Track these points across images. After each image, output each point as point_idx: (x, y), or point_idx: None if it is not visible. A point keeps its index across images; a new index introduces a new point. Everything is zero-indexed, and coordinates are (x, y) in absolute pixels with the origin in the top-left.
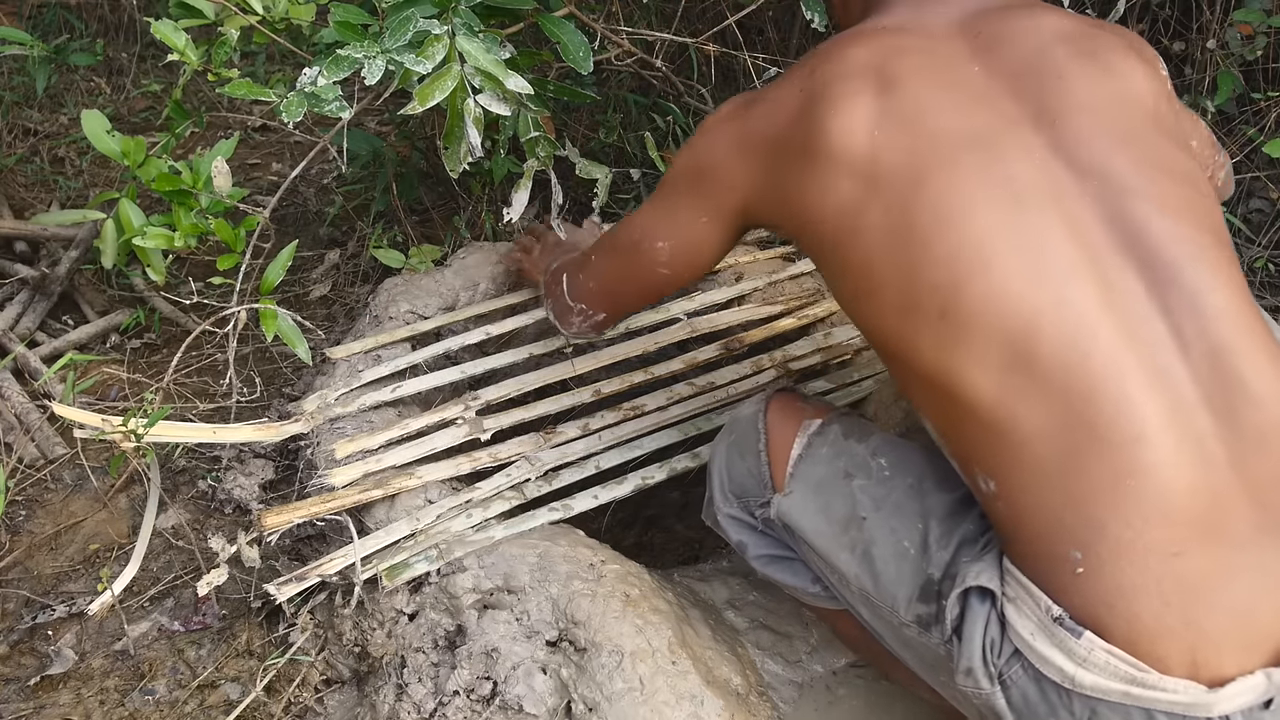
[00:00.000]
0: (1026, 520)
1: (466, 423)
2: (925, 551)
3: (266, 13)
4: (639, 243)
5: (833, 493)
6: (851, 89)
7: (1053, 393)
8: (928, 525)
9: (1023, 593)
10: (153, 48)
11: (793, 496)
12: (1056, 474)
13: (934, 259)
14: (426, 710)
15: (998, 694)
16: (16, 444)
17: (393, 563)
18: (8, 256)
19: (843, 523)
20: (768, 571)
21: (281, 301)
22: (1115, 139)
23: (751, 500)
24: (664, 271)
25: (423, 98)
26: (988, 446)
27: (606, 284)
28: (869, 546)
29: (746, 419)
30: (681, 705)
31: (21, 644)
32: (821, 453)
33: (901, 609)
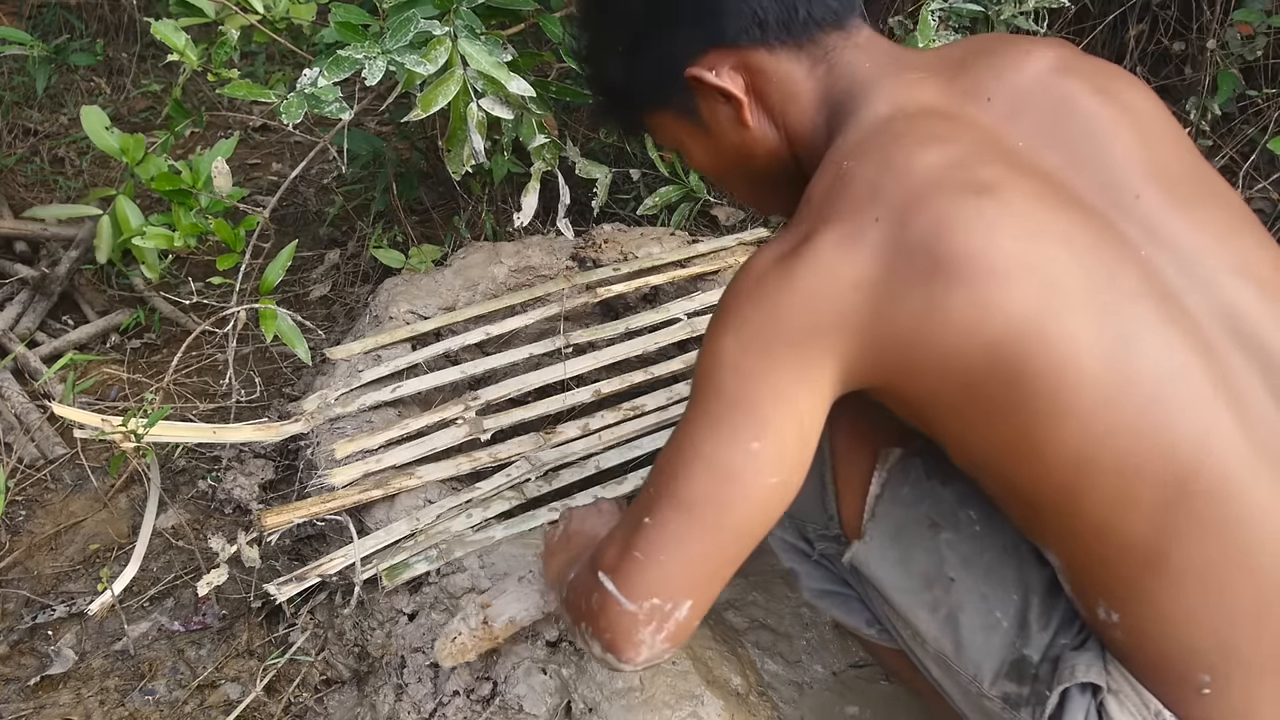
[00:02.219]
0: (1149, 647)
1: (466, 423)
2: (1023, 629)
3: (267, 12)
4: (726, 463)
5: (915, 544)
6: (958, 195)
7: (1209, 526)
8: (1026, 600)
9: (1129, 690)
10: (153, 48)
11: (870, 545)
12: (1198, 606)
13: (1112, 402)
14: (426, 710)
15: None
16: (16, 444)
17: (393, 563)
18: (8, 256)
19: (925, 579)
20: (821, 604)
21: (281, 301)
22: (1176, 197)
23: (811, 528)
24: (773, 482)
25: (426, 104)
26: (1127, 583)
27: (690, 548)
28: (955, 611)
29: None
30: (681, 705)
31: (21, 644)
32: (903, 492)
33: (985, 682)
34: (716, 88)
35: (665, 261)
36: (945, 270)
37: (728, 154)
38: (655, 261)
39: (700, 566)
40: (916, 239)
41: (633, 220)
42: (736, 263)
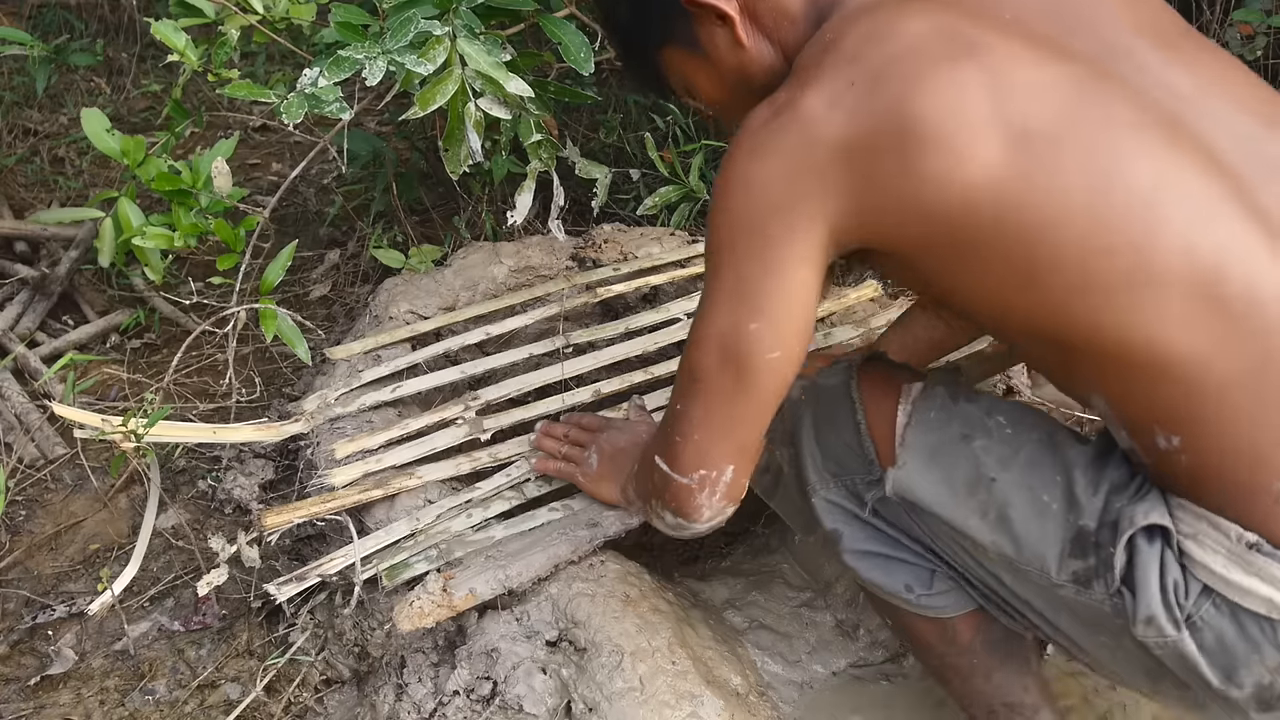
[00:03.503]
0: (1214, 465)
1: (466, 423)
2: (1073, 503)
3: (267, 12)
4: (727, 344)
5: (952, 458)
6: (935, 59)
7: (1245, 331)
8: (1070, 476)
9: (1205, 526)
10: (153, 48)
11: (907, 468)
12: (1256, 411)
13: (1106, 223)
14: (426, 710)
15: (1186, 639)
16: (16, 444)
17: (393, 563)
18: (8, 256)
19: (969, 486)
20: (859, 568)
21: (281, 301)
22: (1168, 47)
23: (857, 479)
24: (774, 356)
25: (424, 102)
26: (1177, 402)
27: (717, 425)
28: (1004, 509)
29: (833, 389)
30: (681, 705)
31: (21, 644)
32: (930, 417)
33: (1053, 569)
34: (710, 7)
35: (665, 261)
36: (914, 131)
37: (730, 79)
38: (655, 261)
39: (729, 439)
40: (886, 102)
41: (633, 220)
42: None
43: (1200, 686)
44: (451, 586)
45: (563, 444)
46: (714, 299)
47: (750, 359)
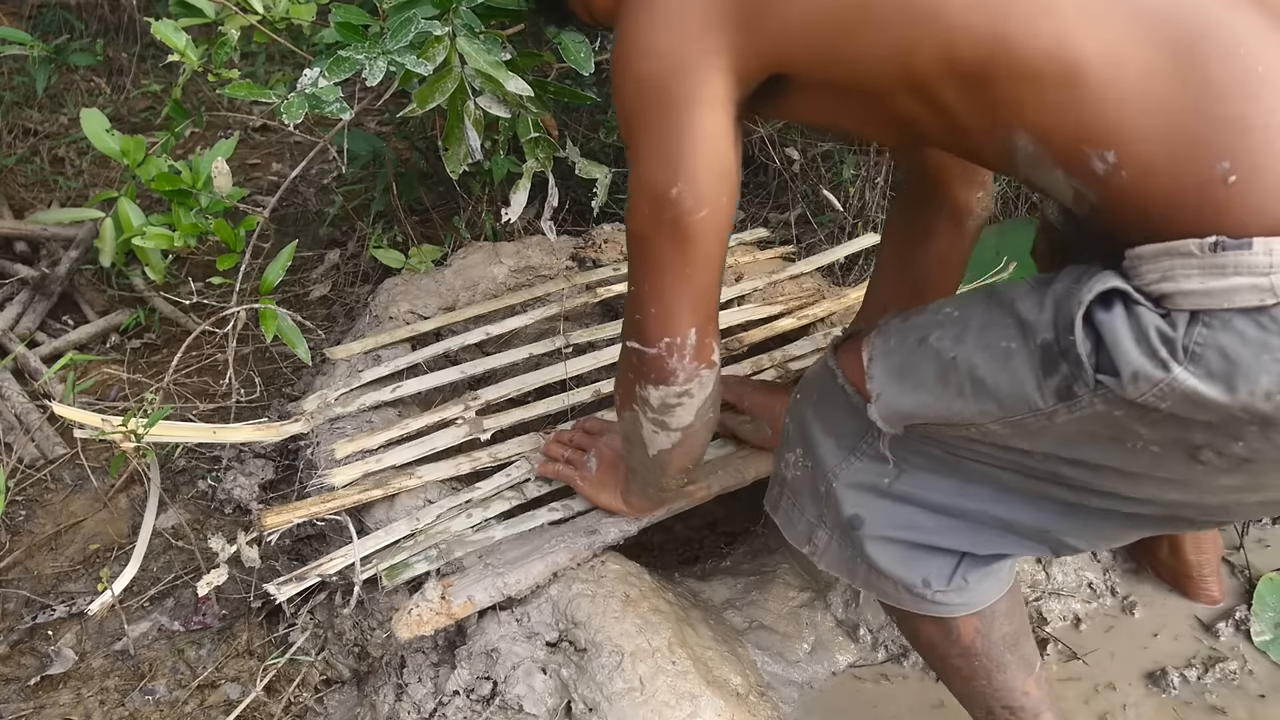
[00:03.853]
0: (1156, 171)
1: (466, 423)
2: (1027, 330)
3: (267, 12)
4: (656, 212)
5: (915, 362)
6: None
7: (1152, 18)
8: (1016, 310)
9: (1166, 260)
10: (153, 48)
11: (883, 394)
12: (1180, 97)
13: None
14: (426, 710)
15: (1181, 373)
16: (16, 444)
17: (392, 562)
18: (8, 256)
19: (939, 377)
20: (879, 559)
21: (281, 301)
22: None
23: (864, 441)
24: (701, 216)
25: (422, 100)
26: (1101, 109)
27: (668, 293)
28: (973, 375)
29: (817, 373)
30: (681, 705)
31: (21, 644)
32: (889, 344)
33: (1039, 400)
34: None
35: None
36: None
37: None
38: None
39: (683, 303)
40: None
41: None
42: (737, 263)
43: (1229, 424)
44: (450, 594)
45: (566, 448)
46: (635, 171)
47: (680, 223)
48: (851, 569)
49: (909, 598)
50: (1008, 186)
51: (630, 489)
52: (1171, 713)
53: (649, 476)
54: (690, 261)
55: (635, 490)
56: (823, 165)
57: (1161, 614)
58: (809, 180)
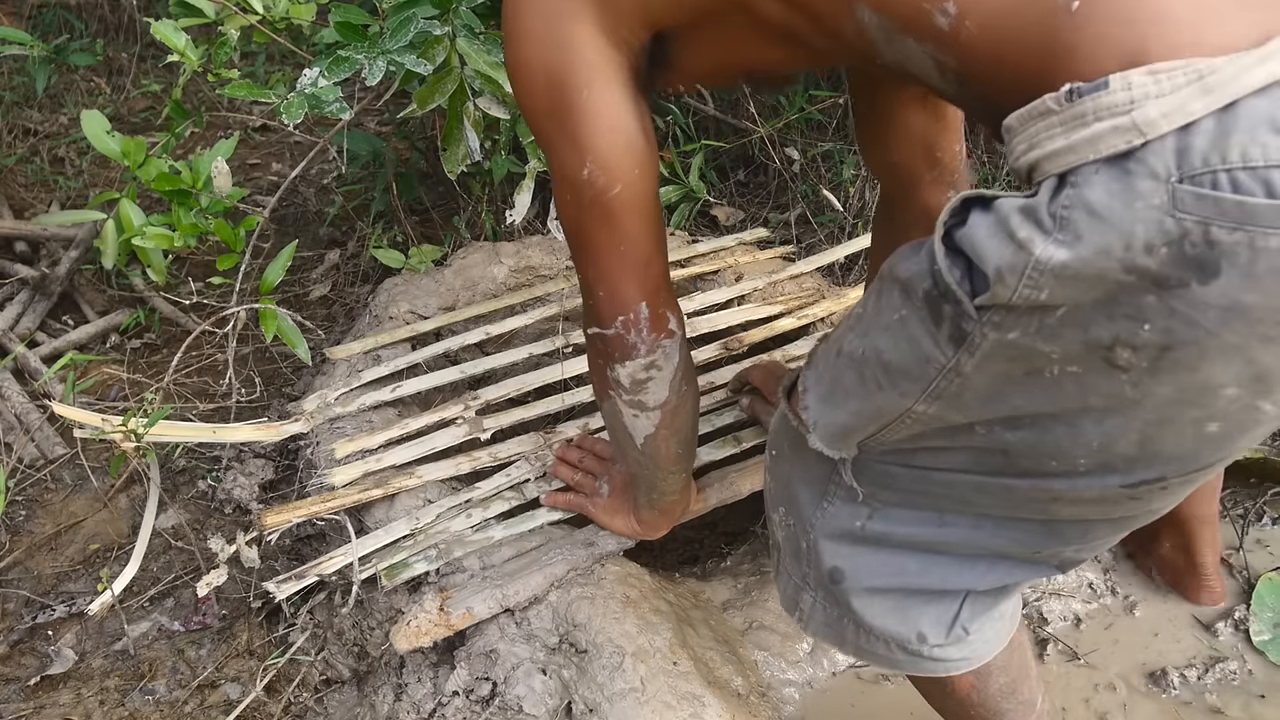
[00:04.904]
0: (1000, 5)
1: (466, 422)
2: (909, 291)
3: (267, 12)
4: (576, 197)
5: (837, 376)
6: None
7: None
8: (897, 278)
9: (1028, 125)
10: (153, 48)
11: (818, 421)
12: None
13: None
14: (426, 710)
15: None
16: (16, 444)
17: (392, 562)
18: (8, 256)
19: (858, 378)
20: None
21: (281, 301)
22: None
23: (833, 478)
24: (616, 192)
25: (422, 100)
26: None
27: (608, 274)
28: (880, 360)
29: (777, 422)
30: (682, 706)
31: (21, 644)
32: (819, 371)
33: (939, 355)
34: None
35: None
36: None
37: None
38: None
39: (625, 280)
40: None
41: None
42: (736, 262)
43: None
44: (449, 605)
45: (576, 472)
46: (549, 162)
47: (598, 202)
48: (839, 633)
49: (904, 657)
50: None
51: (639, 504)
52: (1171, 713)
53: (647, 477)
54: (622, 238)
55: (643, 503)
56: (823, 165)
57: (1161, 614)
58: (809, 180)
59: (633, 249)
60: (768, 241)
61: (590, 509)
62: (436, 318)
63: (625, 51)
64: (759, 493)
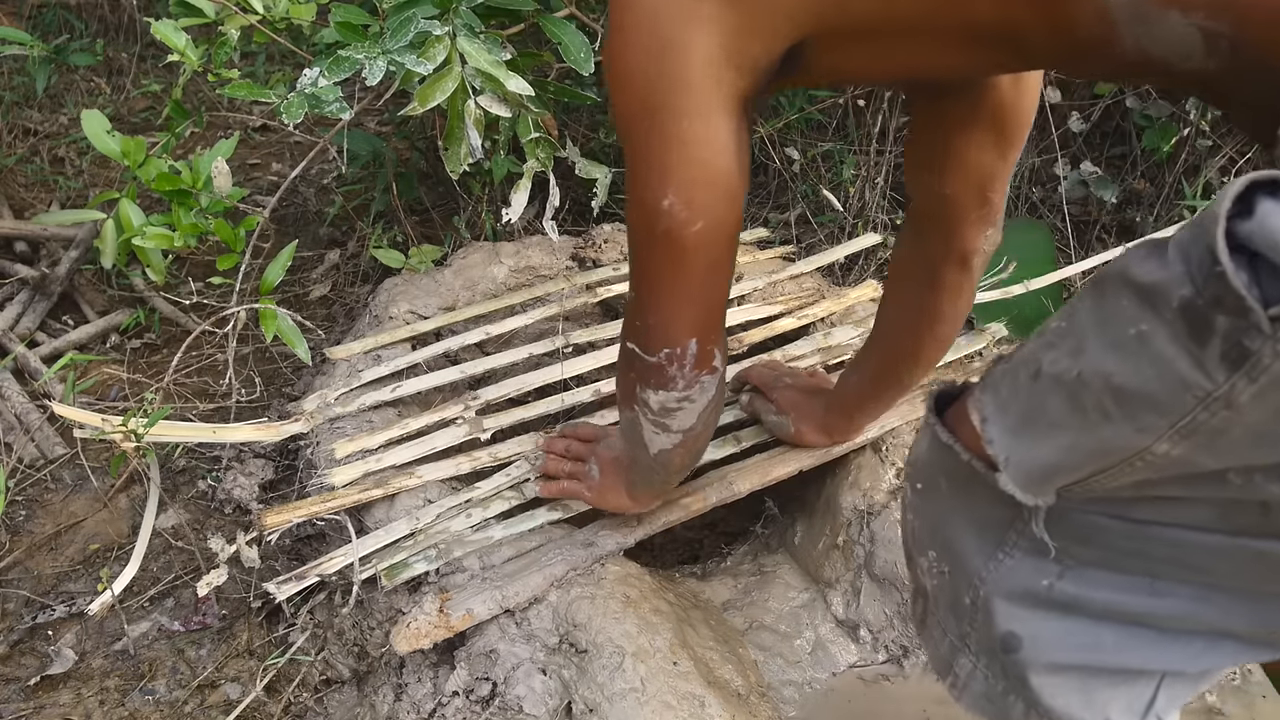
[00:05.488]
0: None
1: (466, 422)
2: (1155, 300)
3: (267, 12)
4: (649, 224)
5: (1037, 403)
6: None
7: None
8: (1133, 283)
9: None
10: (153, 48)
11: (1011, 457)
12: None
13: None
14: (425, 710)
15: None
16: (16, 444)
17: (392, 562)
18: (8, 256)
19: (1071, 406)
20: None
21: (281, 301)
22: None
23: (1015, 525)
24: (696, 229)
25: (423, 99)
26: None
27: (666, 306)
28: (1108, 384)
29: (929, 450)
30: (683, 706)
31: (21, 644)
32: (1001, 396)
33: (1203, 380)
34: None
35: None
36: None
37: None
38: None
39: (683, 317)
40: None
41: None
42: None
43: None
44: (449, 607)
45: (565, 461)
46: (629, 181)
47: (673, 236)
48: (1002, 710)
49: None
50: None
51: (634, 482)
52: None
53: (651, 474)
54: (688, 276)
55: (639, 483)
56: (823, 165)
57: None
58: (809, 180)
59: (698, 288)
60: (768, 241)
61: (584, 493)
62: (436, 318)
63: (745, 75)
64: (759, 492)
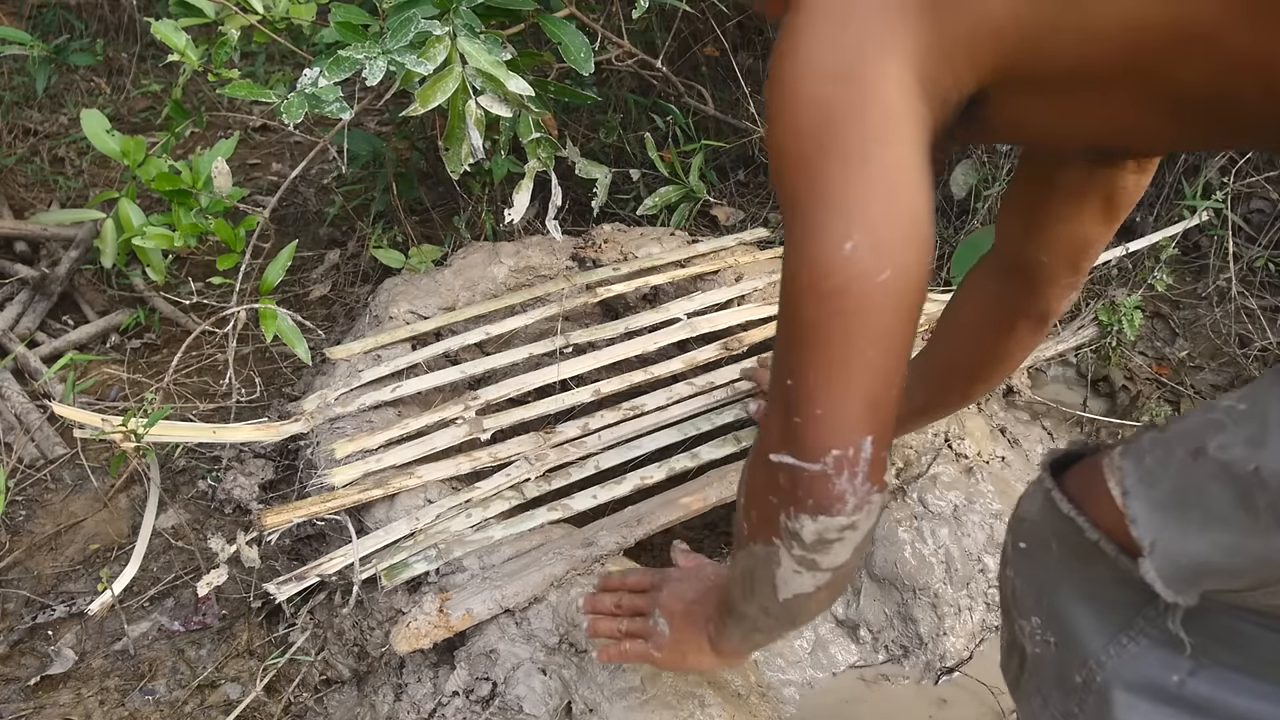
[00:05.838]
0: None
1: (466, 422)
2: None
3: (267, 12)
4: (822, 278)
5: (1195, 487)
6: None
7: None
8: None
9: None
10: (153, 48)
11: (1158, 543)
12: None
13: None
14: (425, 710)
15: None
16: (16, 444)
17: (392, 562)
18: (8, 256)
19: (1239, 501)
20: None
21: (281, 301)
22: None
23: (1145, 613)
24: (883, 279)
25: (424, 99)
26: None
27: (837, 388)
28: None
29: (1042, 513)
30: (682, 705)
31: (21, 644)
32: (1147, 466)
33: None
34: None
35: (665, 261)
36: None
37: None
38: (655, 261)
39: (857, 400)
40: None
41: (633, 220)
42: (737, 262)
43: None
44: (449, 607)
45: (619, 619)
46: (794, 231)
47: (853, 288)
48: None
49: None
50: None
51: (727, 635)
52: None
53: (764, 624)
54: (870, 342)
55: (739, 635)
56: None
57: None
58: None
59: (879, 359)
60: (768, 241)
61: (655, 655)
62: (436, 318)
63: (936, 107)
64: None
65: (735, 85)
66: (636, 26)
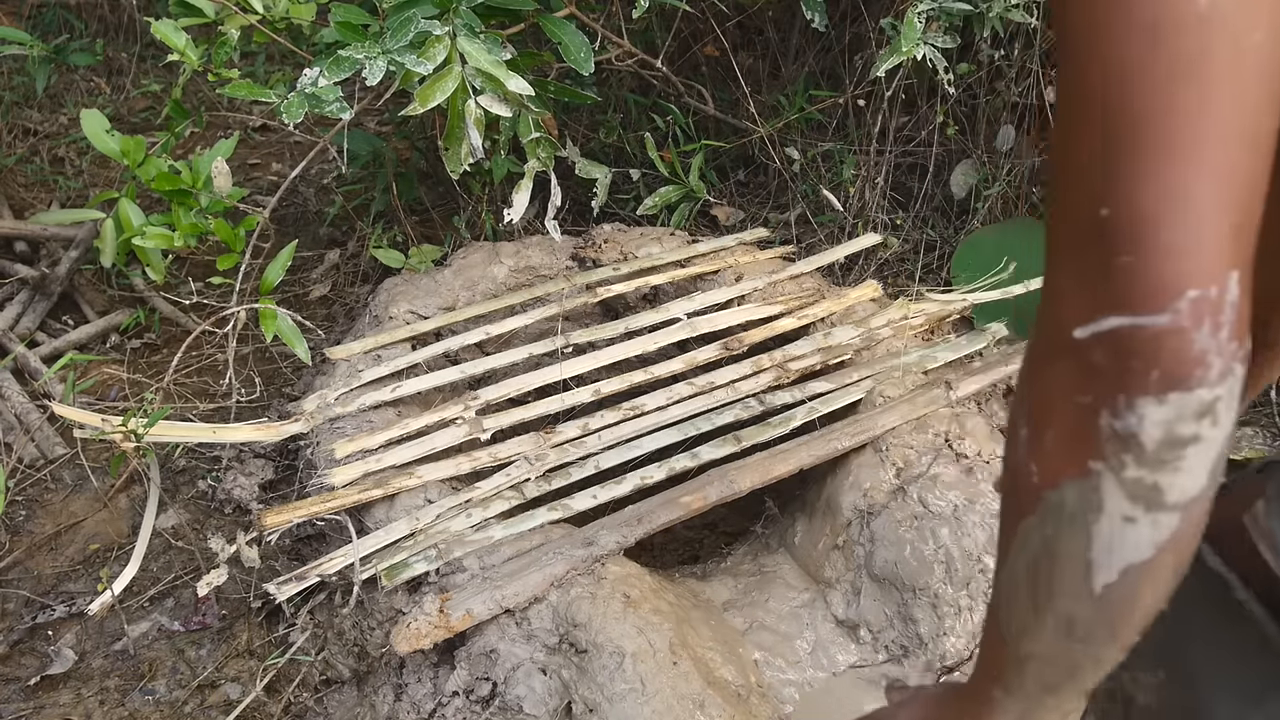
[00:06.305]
0: None
1: (466, 422)
2: None
3: (267, 12)
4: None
5: None
6: None
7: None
8: None
9: None
10: (153, 48)
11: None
12: None
13: None
14: (425, 710)
15: None
16: (16, 444)
17: (392, 562)
18: (8, 256)
19: None
20: None
21: (281, 301)
22: None
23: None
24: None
25: (424, 99)
26: None
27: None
28: None
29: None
30: (683, 705)
31: (21, 644)
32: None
33: None
34: None
35: (665, 261)
36: None
37: None
38: (655, 261)
39: (1222, 218)
40: None
41: (633, 220)
42: (737, 262)
43: None
44: (449, 607)
45: None
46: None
47: (1209, 52)
48: None
49: None
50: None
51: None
52: None
53: (1062, 660)
54: (1238, 131)
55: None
56: (823, 165)
57: None
58: (809, 180)
59: (1246, 158)
60: (768, 241)
61: None
62: (436, 318)
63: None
64: (759, 492)
65: (735, 85)
66: (636, 26)
